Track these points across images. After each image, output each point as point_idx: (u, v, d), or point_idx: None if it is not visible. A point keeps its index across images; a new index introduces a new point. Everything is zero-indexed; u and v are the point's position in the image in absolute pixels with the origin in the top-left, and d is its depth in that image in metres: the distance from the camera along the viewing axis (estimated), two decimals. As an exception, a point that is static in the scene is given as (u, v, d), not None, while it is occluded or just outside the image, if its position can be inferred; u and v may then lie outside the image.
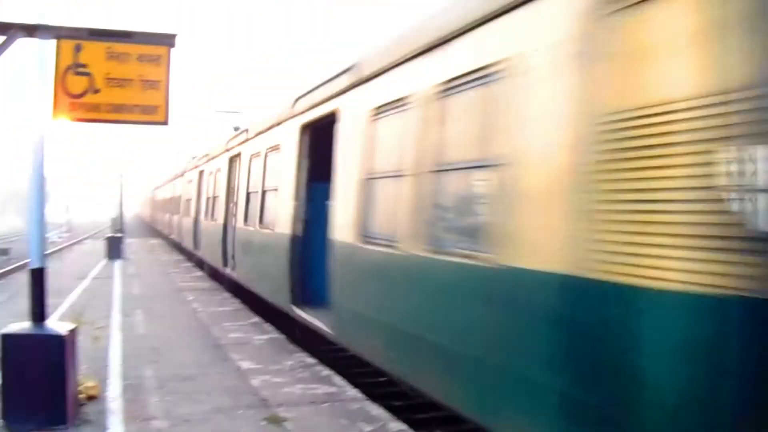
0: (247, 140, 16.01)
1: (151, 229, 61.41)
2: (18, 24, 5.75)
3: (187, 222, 26.81)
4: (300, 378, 9.02)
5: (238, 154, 16.89)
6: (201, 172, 24.19)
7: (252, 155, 15.25)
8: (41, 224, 7.23)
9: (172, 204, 35.90)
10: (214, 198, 20.33)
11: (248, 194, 15.26)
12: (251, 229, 14.64)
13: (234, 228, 16.63)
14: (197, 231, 23.79)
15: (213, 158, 21.70)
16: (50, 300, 7.44)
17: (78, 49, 6.01)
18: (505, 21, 5.43)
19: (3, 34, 5.67)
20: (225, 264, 17.79)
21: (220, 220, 18.43)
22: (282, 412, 7.54)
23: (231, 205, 17.37)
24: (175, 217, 33.11)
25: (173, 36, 6.12)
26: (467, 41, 5.99)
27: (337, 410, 7.67)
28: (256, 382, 8.81)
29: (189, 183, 28.20)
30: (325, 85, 10.24)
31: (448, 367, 6.23)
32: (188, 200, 27.73)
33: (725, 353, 3.64)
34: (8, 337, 6.86)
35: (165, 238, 42.80)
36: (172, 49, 6.09)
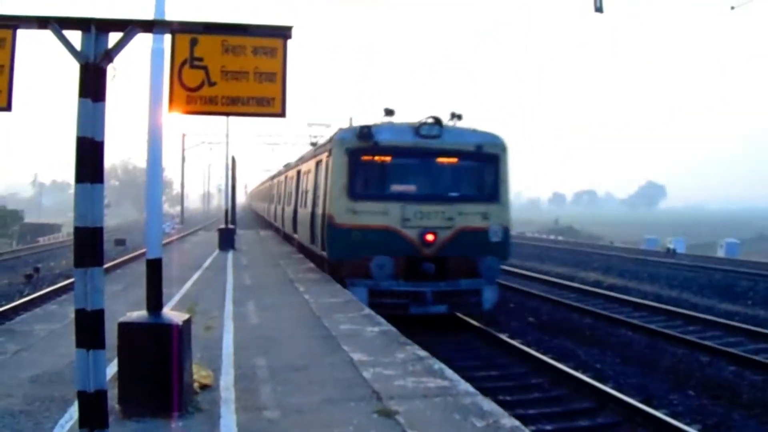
0: (326, 151, 20.22)
1: (261, 220, 62.68)
2: (135, 20, 5.82)
3: (289, 210, 31.17)
4: (412, 371, 8.94)
5: (322, 160, 20.97)
6: (298, 171, 28.49)
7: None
8: (158, 216, 7.36)
9: (279, 196, 39.34)
10: (306, 192, 24.94)
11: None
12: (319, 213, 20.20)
13: (315, 214, 21.38)
14: (295, 218, 28.09)
15: (306, 161, 26.64)
16: (165, 290, 7.56)
17: (194, 43, 6.03)
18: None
19: (121, 30, 5.76)
20: (312, 241, 22.05)
21: (310, 208, 22.84)
22: (393, 405, 7.47)
23: (316, 197, 21.79)
24: (281, 207, 36.03)
25: (289, 28, 6.06)
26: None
27: (449, 404, 7.56)
28: (367, 374, 8.77)
29: (290, 179, 31.96)
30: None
31: None
32: (290, 193, 31.57)
33: None
34: (125, 326, 7.01)
35: (275, 229, 43.61)
36: (288, 41, 6.07)
